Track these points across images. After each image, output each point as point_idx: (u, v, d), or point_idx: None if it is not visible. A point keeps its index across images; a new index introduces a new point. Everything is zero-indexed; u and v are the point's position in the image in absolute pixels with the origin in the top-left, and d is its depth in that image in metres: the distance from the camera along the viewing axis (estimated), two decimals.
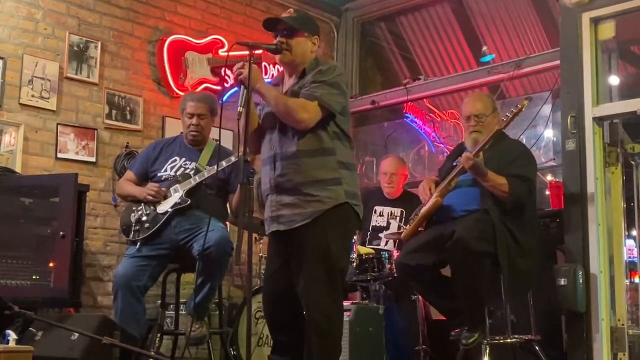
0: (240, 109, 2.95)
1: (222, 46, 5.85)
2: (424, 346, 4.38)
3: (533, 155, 4.06)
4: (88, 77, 5.19)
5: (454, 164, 3.96)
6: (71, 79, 5.11)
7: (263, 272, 5.07)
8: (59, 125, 5.00)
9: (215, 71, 5.80)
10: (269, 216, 3.17)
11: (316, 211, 3.03)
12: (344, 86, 3.17)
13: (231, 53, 5.59)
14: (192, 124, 4.18)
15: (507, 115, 3.80)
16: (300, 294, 3.04)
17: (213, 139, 4.26)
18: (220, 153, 4.01)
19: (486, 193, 3.77)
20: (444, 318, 4.21)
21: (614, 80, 4.38)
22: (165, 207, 4.02)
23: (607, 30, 4.22)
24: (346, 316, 3.89)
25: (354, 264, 4.38)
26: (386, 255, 4.42)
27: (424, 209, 3.96)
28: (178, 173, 4.11)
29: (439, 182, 4.00)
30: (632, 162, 4.32)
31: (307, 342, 3.09)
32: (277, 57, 3.19)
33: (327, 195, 3.05)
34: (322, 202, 3.04)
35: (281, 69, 6.15)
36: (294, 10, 3.26)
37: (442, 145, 6.53)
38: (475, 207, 3.80)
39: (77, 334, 3.36)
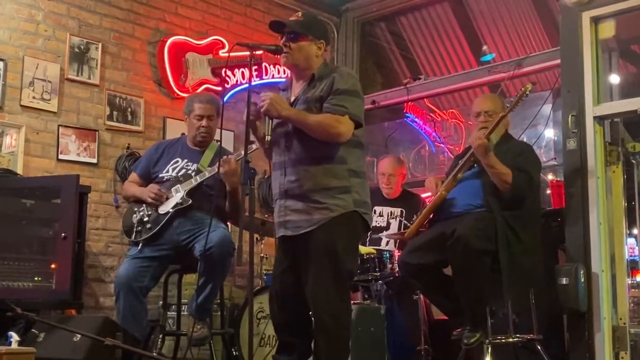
0: (267, 137, 3.05)
1: (223, 47, 5.85)
2: (425, 346, 4.38)
3: (538, 156, 4.08)
4: (89, 78, 5.19)
5: (459, 162, 3.98)
6: (72, 81, 5.11)
7: (264, 272, 5.09)
8: (60, 127, 5.00)
9: (215, 72, 5.80)
10: (277, 221, 3.18)
11: (323, 218, 3.04)
12: (361, 92, 3.17)
13: (232, 54, 5.64)
14: (202, 126, 4.17)
15: (510, 101, 3.80)
16: (309, 295, 3.04)
17: (215, 139, 4.26)
18: (221, 154, 4.01)
19: (488, 187, 3.78)
20: (446, 318, 4.22)
21: (615, 79, 4.38)
22: (166, 207, 4.02)
23: (608, 29, 4.22)
24: None
25: None
26: (387, 255, 4.43)
27: (429, 204, 3.98)
28: (179, 174, 4.11)
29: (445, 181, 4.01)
30: (633, 161, 4.32)
31: (315, 346, 3.09)
32: (281, 60, 3.20)
33: (335, 204, 3.05)
34: (329, 210, 3.04)
35: (282, 69, 6.19)
36: (302, 13, 3.26)
37: (442, 145, 6.53)
38: (478, 202, 3.82)
39: (79, 336, 3.37)
